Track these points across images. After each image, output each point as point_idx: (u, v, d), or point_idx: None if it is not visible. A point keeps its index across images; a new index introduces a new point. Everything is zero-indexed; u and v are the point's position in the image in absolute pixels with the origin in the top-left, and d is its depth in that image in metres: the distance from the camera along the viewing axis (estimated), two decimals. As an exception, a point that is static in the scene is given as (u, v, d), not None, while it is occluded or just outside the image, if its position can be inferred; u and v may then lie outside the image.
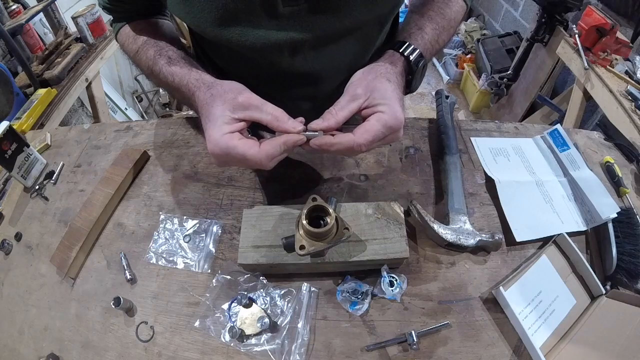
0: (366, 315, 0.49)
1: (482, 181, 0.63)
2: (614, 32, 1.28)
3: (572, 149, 0.64)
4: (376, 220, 0.52)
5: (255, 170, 0.65)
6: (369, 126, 0.44)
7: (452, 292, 0.51)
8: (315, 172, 0.64)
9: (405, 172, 0.64)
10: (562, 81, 1.98)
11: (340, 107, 0.45)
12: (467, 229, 0.53)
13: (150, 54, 0.55)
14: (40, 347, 0.50)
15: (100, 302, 0.52)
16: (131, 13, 0.60)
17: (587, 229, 0.57)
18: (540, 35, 1.70)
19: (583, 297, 0.51)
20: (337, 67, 0.60)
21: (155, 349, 0.48)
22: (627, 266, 0.51)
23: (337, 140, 0.44)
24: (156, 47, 0.55)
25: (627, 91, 1.16)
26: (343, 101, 0.46)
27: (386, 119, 0.44)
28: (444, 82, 2.89)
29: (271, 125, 0.44)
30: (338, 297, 0.49)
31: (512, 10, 2.54)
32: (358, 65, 0.63)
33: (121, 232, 0.59)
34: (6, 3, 1.29)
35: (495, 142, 0.68)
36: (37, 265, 0.57)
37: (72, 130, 0.77)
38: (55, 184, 0.67)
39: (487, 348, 0.46)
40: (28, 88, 1.19)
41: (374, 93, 0.45)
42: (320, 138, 0.44)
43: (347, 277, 0.51)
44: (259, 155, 0.43)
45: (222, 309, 0.49)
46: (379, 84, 0.46)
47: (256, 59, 0.56)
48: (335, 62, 0.59)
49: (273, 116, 0.44)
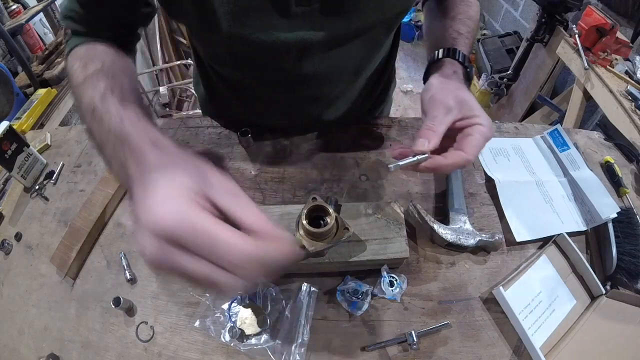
0: (366, 315, 0.49)
1: (482, 181, 0.63)
2: (614, 32, 1.28)
3: (572, 149, 0.64)
4: (376, 220, 0.52)
5: (255, 170, 0.64)
6: (475, 141, 0.43)
7: (452, 292, 0.51)
8: (315, 172, 0.64)
9: (406, 172, 0.64)
10: (562, 81, 1.98)
11: (439, 121, 0.44)
12: (467, 229, 0.53)
13: (100, 87, 0.39)
14: (40, 347, 0.50)
15: (100, 302, 0.52)
16: (97, 28, 0.48)
17: (587, 229, 0.57)
18: (540, 35, 1.70)
19: (583, 297, 0.51)
20: (343, 69, 0.60)
21: (155, 349, 0.48)
22: (627, 266, 0.51)
23: (451, 162, 0.42)
24: (111, 80, 0.41)
25: (627, 91, 1.16)
26: (439, 115, 0.44)
27: (485, 131, 0.44)
28: (444, 82, 2.88)
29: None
30: (338, 298, 0.49)
31: (512, 10, 2.54)
32: (364, 69, 0.63)
33: (121, 232, 0.59)
34: (6, 3, 1.29)
35: (495, 142, 0.68)
36: (37, 265, 0.57)
37: (72, 130, 0.77)
38: (55, 184, 0.67)
39: (487, 348, 0.46)
40: (28, 88, 1.19)
41: (464, 104, 0.45)
42: (432, 161, 0.43)
43: (347, 277, 0.51)
44: (246, 248, 0.25)
45: (222, 309, 0.49)
46: (464, 94, 0.46)
47: (263, 60, 0.56)
48: (342, 64, 0.58)
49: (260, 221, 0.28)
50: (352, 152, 0.67)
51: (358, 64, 0.60)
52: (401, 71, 3.05)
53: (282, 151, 0.68)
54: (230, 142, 0.69)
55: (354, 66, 0.60)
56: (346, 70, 0.60)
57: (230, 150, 0.68)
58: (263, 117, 0.70)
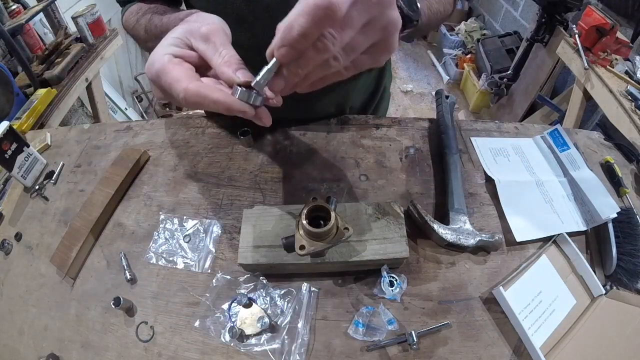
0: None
1: (482, 181, 0.63)
2: (614, 32, 1.28)
3: (572, 149, 0.64)
4: (376, 220, 0.52)
5: (255, 170, 0.65)
6: None
7: (452, 292, 0.51)
8: (315, 172, 0.64)
9: (405, 172, 0.64)
10: (562, 81, 1.98)
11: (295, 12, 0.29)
12: (467, 229, 0.53)
13: (150, 18, 0.52)
14: (40, 347, 0.50)
15: (100, 302, 0.52)
16: None
17: (587, 229, 0.57)
18: (540, 35, 1.70)
19: (583, 297, 0.51)
20: None
21: (155, 349, 0.48)
22: (627, 266, 0.51)
23: (299, 10, 0.27)
24: (160, 12, 0.52)
25: (627, 91, 1.16)
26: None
27: None
28: (444, 82, 2.89)
29: (216, 69, 0.35)
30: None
31: (512, 10, 2.55)
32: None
33: (121, 232, 0.59)
34: (6, 3, 1.28)
35: (495, 142, 0.68)
36: (37, 265, 0.57)
37: (72, 130, 0.77)
38: (55, 184, 0.67)
39: (487, 348, 0.46)
40: (28, 88, 1.19)
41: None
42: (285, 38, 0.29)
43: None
44: (181, 86, 0.34)
45: (222, 309, 0.49)
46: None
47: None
48: None
49: (223, 60, 0.35)
50: (352, 152, 0.67)
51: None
52: (401, 71, 3.05)
53: (282, 151, 0.68)
54: (231, 142, 0.69)
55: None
56: None
57: (231, 150, 0.68)
58: (271, 111, 0.70)
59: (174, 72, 0.34)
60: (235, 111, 0.33)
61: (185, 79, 0.34)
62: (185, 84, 0.34)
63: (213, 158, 0.67)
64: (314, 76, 0.33)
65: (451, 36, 2.91)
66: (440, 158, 0.64)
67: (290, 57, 0.30)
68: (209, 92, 0.33)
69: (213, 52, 0.36)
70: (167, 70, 0.35)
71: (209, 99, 0.33)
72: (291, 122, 0.71)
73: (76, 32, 1.41)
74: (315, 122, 0.72)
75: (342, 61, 0.31)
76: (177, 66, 0.35)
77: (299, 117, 0.72)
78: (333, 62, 0.31)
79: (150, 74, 0.37)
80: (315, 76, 0.33)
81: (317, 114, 0.72)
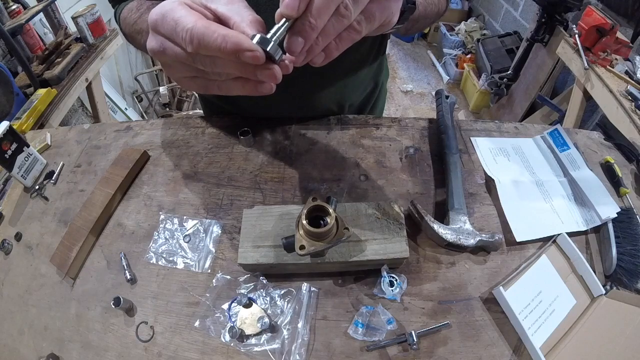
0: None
1: (482, 181, 0.63)
2: (614, 32, 1.28)
3: (572, 149, 0.64)
4: (376, 220, 0.52)
5: (255, 170, 0.64)
6: None
7: (452, 292, 0.51)
8: (315, 172, 0.64)
9: (405, 172, 0.64)
10: (562, 81, 1.98)
11: None
12: (467, 229, 0.53)
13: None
14: (40, 347, 0.50)
15: (100, 302, 0.52)
16: None
17: (587, 229, 0.57)
18: (540, 35, 1.70)
19: (583, 297, 0.51)
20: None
21: (155, 349, 0.48)
22: (627, 266, 0.51)
23: None
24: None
25: (627, 91, 1.16)
26: None
27: None
28: (444, 82, 2.89)
29: (238, 27, 0.32)
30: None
31: (512, 10, 2.55)
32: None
33: (121, 232, 0.59)
34: (6, 3, 1.29)
35: (495, 142, 0.68)
36: (37, 265, 0.57)
37: (72, 130, 0.77)
38: (55, 184, 0.67)
39: (487, 348, 0.46)
40: (28, 88, 1.19)
41: None
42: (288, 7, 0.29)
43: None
44: (189, 22, 0.30)
45: (222, 309, 0.49)
46: None
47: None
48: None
49: (248, 20, 0.32)
50: (352, 152, 0.67)
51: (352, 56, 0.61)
52: (401, 71, 3.05)
53: (282, 151, 0.68)
54: (231, 142, 0.69)
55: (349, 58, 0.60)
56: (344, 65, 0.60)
57: (231, 150, 0.68)
58: (271, 108, 0.70)
59: (184, 11, 0.32)
60: (245, 49, 0.29)
61: (196, 18, 0.31)
62: (194, 20, 0.31)
63: (213, 158, 0.67)
64: (329, 32, 0.31)
65: (451, 36, 2.92)
66: (440, 158, 0.64)
67: (300, 6, 0.29)
68: (218, 27, 0.30)
69: (235, 13, 0.33)
70: (177, 9, 0.32)
71: (218, 32, 0.29)
72: (291, 121, 0.71)
73: (76, 32, 1.42)
74: (315, 121, 0.72)
75: (352, 9, 0.30)
76: (189, 9, 0.32)
77: (299, 115, 0.72)
78: (344, 11, 0.30)
79: (152, 18, 0.33)
80: (330, 32, 0.31)
81: (316, 111, 0.72)
